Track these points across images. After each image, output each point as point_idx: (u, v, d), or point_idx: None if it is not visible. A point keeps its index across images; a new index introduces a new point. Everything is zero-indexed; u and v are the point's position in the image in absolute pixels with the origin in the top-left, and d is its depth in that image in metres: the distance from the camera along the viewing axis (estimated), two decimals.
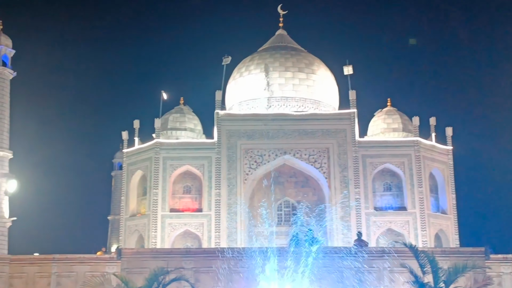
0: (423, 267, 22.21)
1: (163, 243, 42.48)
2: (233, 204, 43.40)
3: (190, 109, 49.19)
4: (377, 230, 43.07)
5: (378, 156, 44.31)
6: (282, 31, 53.50)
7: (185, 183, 45.19)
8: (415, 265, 22.78)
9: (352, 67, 46.17)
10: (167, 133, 46.69)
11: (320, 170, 44.19)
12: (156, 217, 43.16)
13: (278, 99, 47.66)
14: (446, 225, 44.72)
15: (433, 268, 21.90)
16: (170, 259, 26.37)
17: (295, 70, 48.68)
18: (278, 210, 45.28)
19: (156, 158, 44.23)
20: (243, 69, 50.10)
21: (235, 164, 44.10)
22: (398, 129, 47.24)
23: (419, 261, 22.41)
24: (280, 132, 44.56)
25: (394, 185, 44.82)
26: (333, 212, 42.94)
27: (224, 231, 42.80)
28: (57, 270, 29.14)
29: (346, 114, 45.19)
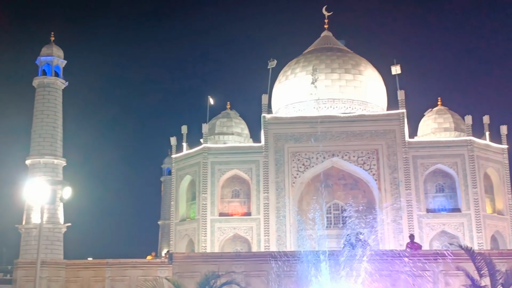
0: (480, 270, 21.45)
1: (213, 247, 42.74)
2: (281, 207, 43.27)
3: (237, 113, 49.40)
4: (430, 233, 42.07)
5: (429, 156, 43.35)
6: (327, 33, 53.14)
7: (234, 187, 45.36)
8: (471, 268, 22.04)
9: (400, 67, 45.45)
10: (215, 138, 47.01)
11: (370, 172, 43.55)
12: (205, 221, 43.47)
13: (324, 101, 47.28)
14: (502, 227, 43.26)
15: (490, 271, 21.13)
16: (220, 263, 26.40)
17: (341, 71, 48.27)
18: (327, 213, 44.86)
19: (204, 163, 44.59)
20: (289, 72, 49.99)
21: (283, 168, 43.97)
22: (450, 129, 46.09)
23: (475, 263, 21.66)
24: (327, 134, 44.18)
25: (447, 186, 43.73)
26: (384, 215, 42.23)
27: (273, 235, 42.71)
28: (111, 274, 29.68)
29: (395, 115, 44.42)
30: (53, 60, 44.64)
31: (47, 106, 43.66)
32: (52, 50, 44.80)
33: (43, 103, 43.71)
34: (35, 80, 44.23)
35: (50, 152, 42.54)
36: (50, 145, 42.83)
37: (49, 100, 43.81)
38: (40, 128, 43.09)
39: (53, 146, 42.87)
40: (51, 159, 42.21)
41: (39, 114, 43.47)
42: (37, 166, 42.04)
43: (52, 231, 41.04)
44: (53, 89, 44.06)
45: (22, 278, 29.59)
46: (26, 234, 41.16)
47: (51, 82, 44.03)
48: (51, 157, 42.29)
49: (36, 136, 43.09)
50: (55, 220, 41.50)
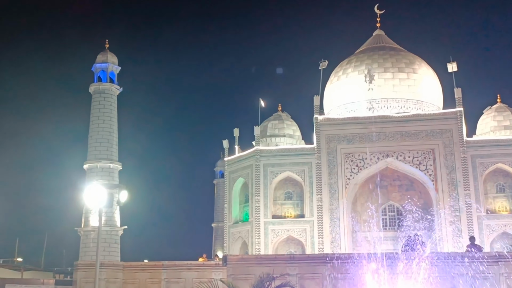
0: None
1: (267, 249, 42.70)
2: (335, 209, 42.81)
3: (288, 115, 49.26)
4: (491, 234, 40.67)
5: (489, 156, 41.96)
6: (379, 31, 52.30)
7: (286, 189, 45.22)
8: None
9: (456, 64, 44.20)
10: (267, 140, 47.01)
11: (426, 173, 42.51)
12: (259, 223, 43.49)
13: (378, 101, 46.52)
14: None
15: None
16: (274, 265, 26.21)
17: (394, 70, 47.36)
18: (383, 214, 44.11)
19: (257, 165, 44.64)
20: (341, 72, 49.45)
21: (336, 169, 43.50)
22: (510, 127, 44.49)
23: None
24: (381, 135, 43.44)
25: (508, 186, 42.22)
26: (442, 216, 41.10)
27: (328, 237, 42.29)
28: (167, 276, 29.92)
29: (451, 113, 43.23)
30: (108, 66, 45.69)
31: (103, 112, 44.67)
32: (107, 57, 45.91)
33: (99, 109, 44.77)
34: (91, 87, 45.42)
35: (106, 157, 43.50)
36: (106, 149, 43.79)
37: (104, 106, 44.82)
38: (96, 133, 44.14)
39: (109, 150, 43.82)
40: (107, 164, 43.18)
41: (95, 120, 44.55)
42: (94, 170, 43.08)
43: (110, 234, 41.93)
44: (108, 95, 45.11)
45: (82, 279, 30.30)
46: (85, 236, 42.25)
47: (106, 88, 45.08)
48: (107, 162, 43.26)
49: (92, 141, 44.17)
50: (112, 223, 42.40)
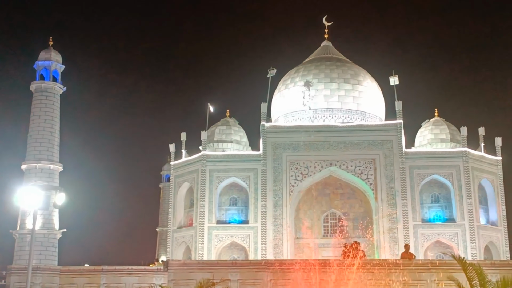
0: (471, 280, 21.78)
1: (210, 254, 43.01)
2: (279, 215, 43.59)
3: (236, 121, 49.76)
4: (425, 243, 42.39)
5: (425, 167, 43.72)
6: (327, 43, 53.58)
7: (231, 195, 45.70)
8: (463, 278, 22.36)
9: (398, 77, 45.86)
10: (214, 146, 47.37)
11: (367, 182, 43.89)
12: (203, 228, 43.75)
13: (323, 111, 47.71)
14: (496, 237, 43.58)
15: (481, 281, 21.43)
16: (216, 270, 26.68)
17: (340, 81, 48.65)
18: (324, 222, 45.20)
19: (203, 170, 44.92)
20: (289, 81, 50.39)
21: (281, 176, 44.31)
22: (446, 140, 46.49)
23: (467, 274, 21.98)
24: (325, 144, 44.58)
25: (442, 196, 44.08)
26: (380, 224, 42.57)
27: (270, 243, 43.00)
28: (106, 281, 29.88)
29: (392, 125, 44.82)
30: (51, 64, 44.63)
31: (45, 111, 43.51)
32: (50, 55, 44.85)
33: (40, 108, 43.61)
34: (32, 85, 44.27)
35: (47, 157, 42.51)
36: (47, 150, 42.75)
37: (46, 105, 43.70)
38: (36, 133, 43.03)
39: (49, 151, 42.79)
40: (47, 164, 42.23)
41: (36, 119, 43.35)
42: (33, 171, 42.11)
43: (47, 237, 40.96)
44: (51, 94, 44.10)
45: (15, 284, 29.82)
46: (20, 239, 41.21)
47: (49, 87, 44.05)
48: (48, 162, 42.29)
49: (32, 141, 43.00)
50: (50, 226, 41.49)
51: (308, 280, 24.17)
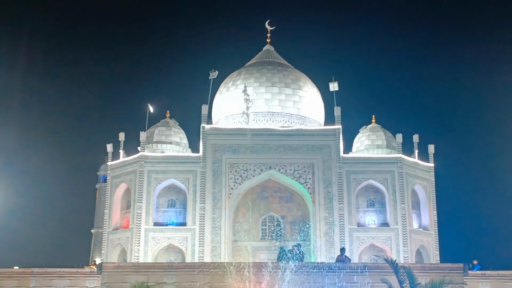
0: (402, 283, 22.46)
1: (146, 257, 42.34)
2: (217, 218, 43.46)
3: (176, 122, 49.32)
4: (360, 246, 43.31)
5: (362, 172, 44.68)
6: (269, 47, 53.97)
7: (170, 196, 45.21)
8: (395, 281, 23.02)
9: (337, 84, 46.69)
10: (153, 147, 46.75)
11: (305, 186, 44.41)
12: (139, 230, 43.06)
13: (264, 114, 48.01)
14: (427, 241, 45.07)
15: (411, 284, 22.14)
16: (151, 273, 26.32)
17: (281, 85, 49.07)
18: (263, 225, 45.40)
19: (141, 171, 44.24)
20: (230, 83, 50.41)
21: (220, 178, 44.22)
22: (382, 146, 47.70)
23: (398, 276, 22.65)
24: (265, 147, 44.85)
25: (377, 201, 45.16)
26: (317, 228, 43.17)
27: (208, 246, 42.79)
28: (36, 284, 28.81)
29: (331, 130, 45.58)
30: None
31: None
32: None
33: None
34: None
35: None
36: None
37: None
38: None
39: None
40: None
41: None
42: None
43: None
44: None
45: None
46: None
47: None
48: None
49: None
50: None
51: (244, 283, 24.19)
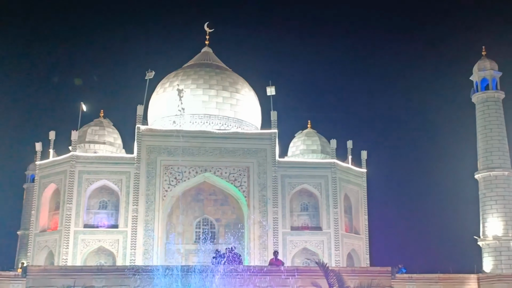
0: (331, 286, 22.83)
1: (75, 260, 41.06)
2: (150, 220, 42.76)
3: (110, 122, 48.27)
4: (293, 249, 43.71)
5: (296, 176, 45.13)
6: (207, 49, 53.76)
7: (102, 198, 44.12)
8: (325, 284, 23.37)
9: (274, 88, 47.04)
10: (85, 146, 45.52)
11: (240, 189, 44.43)
12: (68, 232, 41.74)
13: (201, 116, 47.73)
14: (358, 245, 46.09)
15: (341, 287, 22.54)
16: (80, 277, 25.56)
17: (219, 88, 48.93)
18: (197, 227, 45.09)
19: (72, 172, 42.94)
20: (167, 84, 49.83)
21: (154, 180, 43.55)
22: (317, 151, 48.45)
23: (328, 279, 23.01)
24: (201, 150, 44.58)
25: (311, 205, 45.75)
26: (251, 231, 43.27)
27: (140, 248, 42.01)
28: None
29: (267, 134, 45.84)
30: None
31: None
32: None
33: None
34: None
35: None
36: None
37: None
38: None
39: None
40: None
41: None
42: None
43: None
44: None
45: None
46: None
47: None
48: None
49: None
50: None
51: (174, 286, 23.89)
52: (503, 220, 45.91)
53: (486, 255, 46.17)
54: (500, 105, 48.74)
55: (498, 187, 46.65)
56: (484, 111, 48.76)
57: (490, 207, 46.54)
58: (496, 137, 47.75)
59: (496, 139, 47.69)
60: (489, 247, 46.00)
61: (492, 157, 47.39)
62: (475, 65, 50.40)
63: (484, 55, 50.66)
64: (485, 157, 47.72)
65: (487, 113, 48.60)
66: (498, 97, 48.86)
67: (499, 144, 47.59)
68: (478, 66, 50.11)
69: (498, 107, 48.60)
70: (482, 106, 49.02)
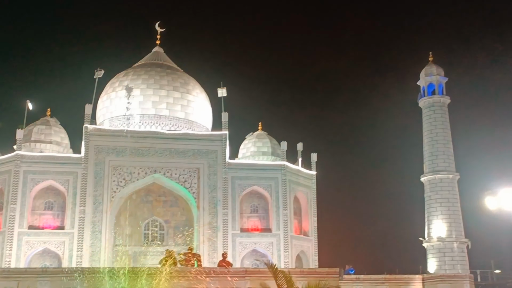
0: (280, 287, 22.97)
1: (19, 262, 39.90)
2: (98, 222, 42.03)
3: (58, 121, 47.17)
4: (243, 251, 43.78)
5: (247, 178, 45.26)
6: (158, 49, 53.26)
7: (47, 198, 43.04)
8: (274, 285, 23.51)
9: (225, 89, 47.05)
10: (31, 145, 44.32)
11: (190, 190, 44.22)
12: (12, 234, 40.50)
13: (151, 117, 47.24)
14: (307, 247, 46.60)
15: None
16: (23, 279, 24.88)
17: (170, 88, 48.55)
18: (145, 229, 44.57)
19: (16, 171, 41.72)
20: (117, 84, 49.09)
21: (102, 181, 42.83)
22: (268, 153, 48.75)
23: (277, 281, 23.16)
24: (151, 150, 44.13)
25: (261, 207, 45.96)
26: (201, 233, 43.13)
27: (87, 250, 41.22)
28: None
29: (217, 136, 45.80)
30: None
31: None
32: None
33: None
34: None
35: None
36: None
37: None
38: None
39: None
40: None
41: None
42: None
43: None
44: None
45: None
46: None
47: None
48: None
49: None
50: None
51: None
52: (447, 222, 47.41)
53: (431, 256, 47.59)
54: (446, 110, 50.35)
55: (443, 189, 48.15)
56: (430, 116, 50.27)
57: (435, 209, 47.99)
58: (441, 141, 49.27)
59: (442, 143, 49.21)
60: (433, 248, 47.42)
61: (437, 160, 48.88)
62: (422, 70, 51.91)
63: (431, 60, 52.25)
64: (430, 161, 49.18)
65: (433, 117, 50.11)
66: (443, 102, 50.45)
67: (444, 148, 49.12)
68: (425, 71, 51.62)
69: (443, 112, 50.19)
70: (428, 110, 50.52)
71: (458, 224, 47.69)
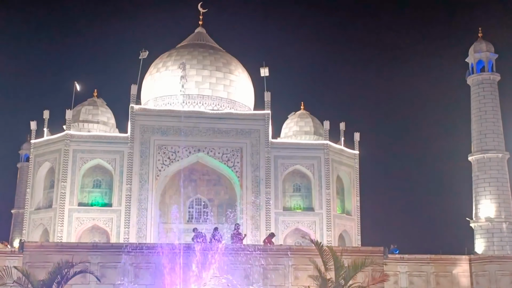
0: (326, 264, 23.21)
1: (70, 237, 41.37)
2: (144, 200, 43.03)
3: (104, 102, 48.26)
4: (285, 230, 44.14)
5: (289, 157, 45.39)
6: (201, 29, 53.60)
7: (95, 177, 44.28)
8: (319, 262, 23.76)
9: (268, 69, 47.09)
10: (79, 125, 45.56)
11: (233, 169, 44.68)
12: (63, 211, 41.96)
13: (194, 97, 47.76)
14: (350, 226, 46.60)
15: (336, 265, 22.92)
16: (75, 253, 25.72)
17: (212, 69, 48.90)
18: (190, 207, 45.38)
19: (66, 150, 43.03)
20: (161, 64, 49.75)
21: (148, 160, 43.72)
22: (310, 132, 48.69)
23: (323, 258, 23.37)
24: (194, 130, 44.70)
25: (303, 186, 46.08)
26: (244, 211, 43.61)
27: (134, 227, 42.34)
28: None
29: (260, 115, 45.98)
30: None
31: None
32: None
33: None
34: None
35: None
36: None
37: None
38: None
39: None
40: None
41: None
42: None
43: None
44: None
45: None
46: None
47: None
48: None
49: None
50: None
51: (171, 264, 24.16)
52: (496, 202, 46.46)
53: (478, 236, 46.81)
54: (496, 88, 49.00)
55: (491, 169, 47.12)
56: (479, 93, 49.00)
57: (483, 189, 47.05)
58: (490, 120, 48.04)
59: (491, 122, 48.00)
60: (481, 228, 46.61)
61: (486, 139, 47.76)
62: (471, 47, 50.51)
63: (480, 37, 50.80)
64: (479, 139, 48.11)
65: (482, 95, 48.83)
66: (493, 80, 49.07)
67: (494, 127, 47.92)
68: (474, 48, 50.21)
69: (493, 89, 48.86)
70: (477, 88, 49.25)
71: (508, 205, 46.62)
